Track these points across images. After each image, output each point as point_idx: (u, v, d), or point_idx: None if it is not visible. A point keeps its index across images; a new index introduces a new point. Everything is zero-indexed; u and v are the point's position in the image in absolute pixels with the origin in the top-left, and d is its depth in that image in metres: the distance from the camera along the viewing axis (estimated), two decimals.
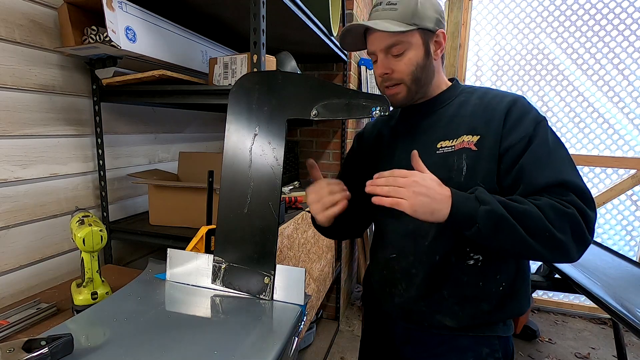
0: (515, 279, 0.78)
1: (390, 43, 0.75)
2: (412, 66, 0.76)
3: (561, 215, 0.64)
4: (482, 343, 0.79)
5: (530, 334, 2.28)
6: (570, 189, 0.67)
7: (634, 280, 1.47)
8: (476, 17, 2.52)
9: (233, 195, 0.74)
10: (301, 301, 0.71)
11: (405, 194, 0.64)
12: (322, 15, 1.54)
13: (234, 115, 0.74)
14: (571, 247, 0.65)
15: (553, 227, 0.63)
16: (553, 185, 0.68)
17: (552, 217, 0.64)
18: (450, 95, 0.83)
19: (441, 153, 0.77)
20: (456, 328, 0.79)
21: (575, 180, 0.67)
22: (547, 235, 0.63)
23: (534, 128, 0.71)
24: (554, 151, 0.70)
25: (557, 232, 0.63)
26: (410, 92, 0.79)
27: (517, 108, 0.74)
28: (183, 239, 1.09)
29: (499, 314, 0.78)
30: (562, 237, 0.63)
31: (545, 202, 0.65)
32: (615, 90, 2.36)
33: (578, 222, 0.64)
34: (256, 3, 0.91)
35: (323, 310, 2.43)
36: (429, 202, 0.64)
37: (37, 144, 0.98)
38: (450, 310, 0.78)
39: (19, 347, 0.50)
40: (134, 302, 0.70)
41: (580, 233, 0.64)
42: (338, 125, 2.24)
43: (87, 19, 1.00)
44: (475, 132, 0.75)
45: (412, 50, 0.76)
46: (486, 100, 0.78)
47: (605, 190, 2.44)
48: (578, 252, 0.66)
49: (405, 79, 0.78)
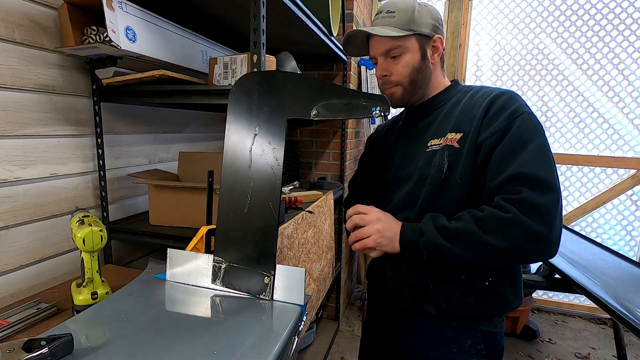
0: (502, 276, 0.79)
1: (389, 47, 0.81)
2: (409, 68, 0.82)
3: (501, 223, 0.66)
4: (465, 335, 0.81)
5: (530, 334, 2.28)
6: (524, 182, 0.67)
7: (634, 280, 1.47)
8: (476, 17, 2.51)
9: (233, 195, 0.74)
10: (301, 301, 0.71)
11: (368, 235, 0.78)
12: (322, 15, 1.54)
13: (234, 115, 0.74)
14: (519, 251, 0.66)
15: (491, 238, 0.66)
16: (509, 181, 0.68)
17: (492, 228, 0.67)
18: (447, 96, 0.86)
19: (429, 151, 0.81)
20: (439, 317, 0.81)
21: (533, 171, 0.67)
22: (488, 249, 0.67)
23: (508, 123, 0.72)
24: (523, 145, 0.70)
25: (497, 244, 0.66)
26: (407, 92, 0.84)
27: (498, 103, 0.75)
28: (183, 239, 1.09)
29: (482, 308, 0.79)
30: (502, 245, 0.66)
31: (487, 213, 0.68)
32: (615, 90, 2.36)
33: (519, 226, 0.65)
34: (256, 3, 0.92)
35: (323, 310, 2.43)
36: (386, 243, 0.78)
37: (37, 144, 0.98)
38: (435, 300, 0.81)
39: (19, 347, 0.50)
40: (134, 302, 0.70)
41: (526, 234, 0.65)
42: (338, 125, 2.23)
43: (87, 19, 1.00)
44: (459, 130, 0.78)
45: (408, 54, 0.81)
46: (475, 98, 0.80)
47: (605, 190, 2.44)
48: (540, 250, 0.66)
49: (403, 80, 0.83)
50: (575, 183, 2.55)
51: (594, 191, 2.52)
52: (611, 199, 2.44)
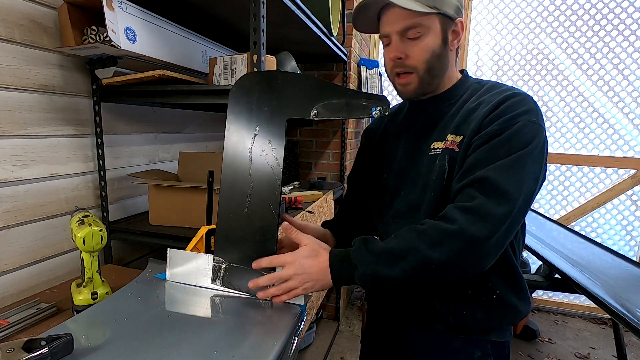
0: (508, 286, 0.76)
1: (409, 25, 0.70)
2: (428, 53, 0.71)
3: (444, 236, 0.61)
4: (475, 345, 0.78)
5: (530, 334, 2.28)
6: (482, 188, 0.62)
7: (634, 280, 1.47)
8: (476, 17, 2.52)
9: (233, 195, 0.74)
10: (301, 301, 0.71)
11: (294, 286, 0.69)
12: (322, 15, 1.54)
13: (234, 115, 0.74)
14: (458, 258, 0.61)
15: (433, 252, 0.61)
16: (470, 184, 0.63)
17: (433, 241, 0.61)
18: (457, 94, 0.79)
19: (432, 155, 0.75)
20: (447, 331, 0.78)
21: (498, 179, 0.61)
22: (431, 267, 0.62)
23: (504, 126, 0.65)
24: (506, 153, 0.63)
25: (441, 256, 0.61)
26: (422, 83, 0.74)
27: (505, 105, 0.68)
28: (183, 239, 1.09)
29: (494, 321, 0.76)
30: (445, 258, 0.61)
31: (429, 225, 0.64)
32: (615, 90, 2.36)
33: (462, 239, 0.60)
34: (256, 3, 0.91)
35: (323, 310, 2.43)
36: (314, 284, 0.68)
37: (37, 144, 0.98)
38: (444, 318, 0.76)
39: (19, 347, 0.50)
40: (134, 302, 0.70)
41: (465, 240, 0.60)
42: (338, 125, 2.23)
43: (87, 19, 1.00)
44: (459, 132, 0.72)
45: (429, 36, 0.70)
46: (482, 98, 0.73)
47: (605, 190, 2.44)
48: (476, 255, 0.62)
49: (419, 66, 0.72)
50: (575, 183, 2.55)
51: (594, 191, 2.52)
52: (611, 199, 2.45)
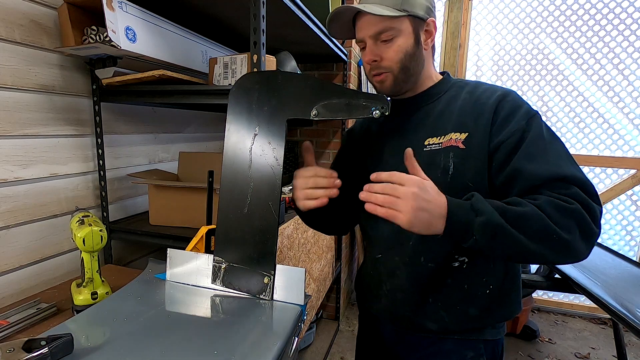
0: (503, 282, 0.75)
1: (380, 29, 0.73)
2: (401, 53, 0.74)
3: (565, 212, 0.59)
4: (467, 347, 0.77)
5: (530, 334, 2.28)
6: (571, 182, 0.63)
7: (634, 280, 1.47)
8: (476, 17, 2.51)
9: (233, 195, 0.74)
10: (301, 301, 0.71)
11: (403, 207, 0.58)
12: (322, 15, 1.54)
13: (234, 115, 0.74)
14: (579, 245, 0.61)
15: (558, 227, 0.59)
16: (552, 180, 0.64)
17: (556, 217, 0.59)
18: (440, 90, 0.80)
19: (428, 151, 0.75)
20: (442, 332, 0.77)
21: (575, 174, 0.64)
22: (553, 238, 0.59)
23: (526, 122, 0.68)
24: (550, 145, 0.67)
25: (563, 232, 0.59)
26: (397, 80, 0.76)
27: (507, 102, 0.71)
28: (183, 239, 1.09)
29: (488, 318, 0.76)
30: (568, 236, 0.59)
31: (546, 201, 0.61)
32: (615, 90, 2.36)
33: (583, 218, 0.60)
34: (256, 3, 0.92)
35: (323, 310, 2.43)
36: (427, 217, 0.59)
37: (37, 144, 0.98)
38: (436, 315, 0.76)
39: (19, 347, 0.50)
40: (134, 302, 0.70)
41: (587, 229, 0.61)
42: (338, 125, 2.24)
43: (87, 19, 1.00)
44: (463, 129, 0.72)
45: (401, 37, 0.73)
46: (476, 95, 0.75)
47: (605, 190, 2.44)
48: (587, 249, 0.62)
49: (394, 66, 0.75)
50: None
51: None
52: (611, 199, 2.44)
